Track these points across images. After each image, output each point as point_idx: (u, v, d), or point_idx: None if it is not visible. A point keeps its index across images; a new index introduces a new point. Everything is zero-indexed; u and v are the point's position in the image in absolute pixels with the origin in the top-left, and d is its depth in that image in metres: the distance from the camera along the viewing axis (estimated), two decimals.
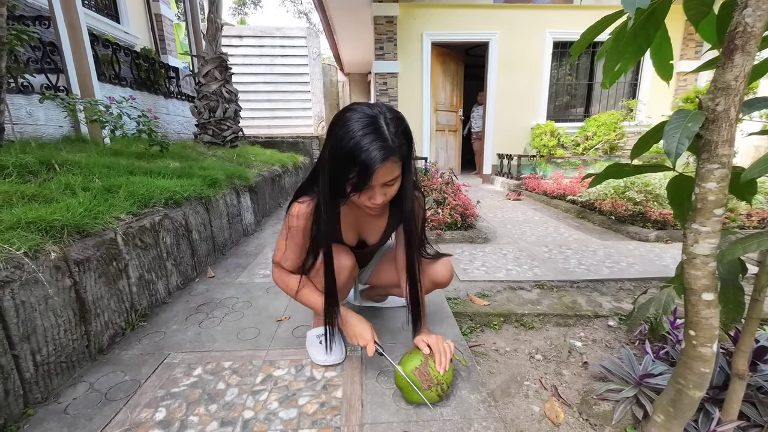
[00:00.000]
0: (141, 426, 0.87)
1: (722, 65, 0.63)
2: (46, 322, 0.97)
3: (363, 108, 0.83)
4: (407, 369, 0.93)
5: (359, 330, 1.01)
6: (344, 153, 0.80)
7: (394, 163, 0.83)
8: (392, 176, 0.85)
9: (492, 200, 4.29)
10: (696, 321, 0.72)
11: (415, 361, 0.95)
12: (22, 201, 1.19)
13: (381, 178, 0.83)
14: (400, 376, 0.93)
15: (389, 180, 0.85)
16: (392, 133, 0.81)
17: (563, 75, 6.03)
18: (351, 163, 0.79)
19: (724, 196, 0.66)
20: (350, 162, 0.79)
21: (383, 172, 0.82)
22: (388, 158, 0.80)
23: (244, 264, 1.99)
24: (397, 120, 0.84)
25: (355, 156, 0.78)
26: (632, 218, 2.83)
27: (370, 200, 0.88)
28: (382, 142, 0.79)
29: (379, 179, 0.83)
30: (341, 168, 0.82)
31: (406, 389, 0.93)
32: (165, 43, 5.52)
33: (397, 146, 0.81)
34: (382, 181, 0.84)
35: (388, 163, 0.80)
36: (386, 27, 5.36)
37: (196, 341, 1.23)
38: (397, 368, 0.94)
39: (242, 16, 17.15)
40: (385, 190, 0.87)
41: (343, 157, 0.80)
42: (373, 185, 0.84)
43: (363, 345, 0.99)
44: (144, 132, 2.46)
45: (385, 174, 0.83)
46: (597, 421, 0.98)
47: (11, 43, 1.84)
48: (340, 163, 0.81)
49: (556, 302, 1.65)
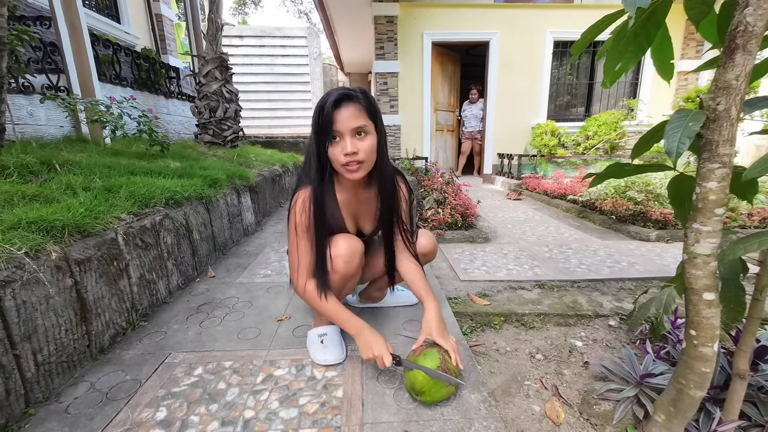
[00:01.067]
0: (142, 425, 0.87)
1: (723, 64, 0.63)
2: (47, 322, 0.97)
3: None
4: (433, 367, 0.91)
5: (372, 341, 0.99)
6: (315, 113, 0.92)
7: (358, 109, 0.92)
8: (357, 122, 0.92)
9: (492, 200, 4.29)
10: (697, 321, 0.72)
11: (434, 359, 0.93)
12: (24, 201, 1.19)
13: (346, 121, 0.91)
14: (426, 380, 0.89)
15: (355, 126, 0.92)
16: (356, 90, 0.93)
17: (564, 74, 6.02)
18: (318, 113, 0.91)
19: (725, 196, 0.66)
20: (318, 113, 0.91)
21: (346, 115, 0.90)
22: (347, 100, 0.90)
23: (244, 264, 1.99)
24: (364, 90, 0.96)
25: (320, 107, 0.91)
26: (633, 218, 2.83)
27: (343, 153, 0.93)
28: (341, 90, 0.92)
29: (344, 123, 0.91)
30: (315, 127, 0.93)
31: (431, 392, 0.90)
32: (165, 43, 5.52)
33: (359, 97, 0.92)
34: (347, 126, 0.91)
35: (349, 105, 0.91)
36: (387, 27, 5.36)
37: (197, 341, 1.24)
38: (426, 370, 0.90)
39: (243, 17, 17.15)
40: (356, 143, 0.93)
41: (315, 117, 0.92)
42: (341, 131, 0.92)
43: (378, 355, 0.96)
44: (145, 132, 2.46)
45: (349, 118, 0.91)
46: (598, 421, 0.98)
47: (12, 44, 1.84)
48: (315, 123, 0.92)
49: (557, 302, 1.65)
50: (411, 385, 0.93)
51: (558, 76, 6.00)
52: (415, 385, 0.91)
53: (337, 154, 0.95)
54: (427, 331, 1.01)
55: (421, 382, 0.90)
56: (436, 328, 1.00)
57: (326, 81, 9.73)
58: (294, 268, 1.05)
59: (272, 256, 2.10)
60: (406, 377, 0.96)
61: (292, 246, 1.04)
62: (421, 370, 0.91)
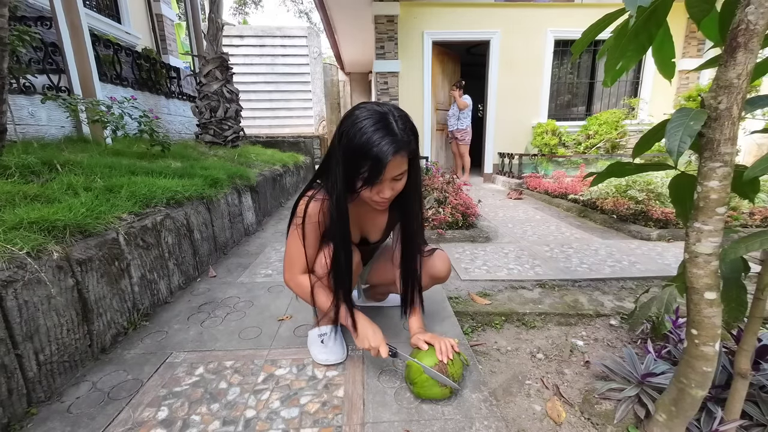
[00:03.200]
0: (143, 425, 0.88)
1: (725, 63, 0.63)
2: (48, 322, 0.97)
3: (372, 106, 0.87)
4: (429, 364, 0.93)
5: (370, 333, 1.00)
6: (357, 148, 0.84)
7: (403, 157, 0.88)
8: (401, 170, 0.89)
9: (493, 199, 4.29)
10: (698, 320, 0.72)
11: (433, 357, 0.95)
12: (25, 201, 1.19)
13: (391, 171, 0.87)
14: (419, 371, 0.92)
15: (398, 174, 0.89)
16: (401, 128, 0.86)
17: (565, 73, 6.01)
18: (363, 157, 0.83)
19: (726, 195, 0.66)
20: (363, 156, 0.83)
21: (394, 166, 0.86)
22: (399, 152, 0.84)
23: (245, 263, 1.99)
24: (404, 117, 0.89)
25: (367, 150, 0.82)
26: (634, 217, 2.82)
27: (378, 194, 0.92)
28: (392, 137, 0.83)
29: (390, 173, 0.87)
30: (354, 163, 0.86)
31: (423, 385, 0.92)
32: (166, 43, 5.52)
33: (407, 141, 0.86)
34: (391, 175, 0.88)
35: (398, 156, 0.85)
36: (387, 26, 5.35)
37: (198, 341, 1.24)
38: (419, 363, 0.93)
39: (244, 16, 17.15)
40: (393, 185, 0.92)
41: (356, 153, 0.84)
42: (383, 179, 0.88)
43: (375, 346, 0.97)
44: (145, 132, 2.47)
45: (394, 168, 0.87)
46: (599, 421, 0.98)
47: (13, 44, 1.85)
48: (353, 158, 0.85)
49: (558, 301, 1.64)
50: (407, 374, 0.98)
51: (559, 75, 5.99)
52: (410, 374, 0.96)
53: (372, 194, 0.92)
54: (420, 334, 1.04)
55: (414, 372, 0.94)
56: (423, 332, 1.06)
57: (327, 81, 9.73)
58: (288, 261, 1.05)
59: (273, 256, 2.10)
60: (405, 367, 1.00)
61: (291, 244, 1.03)
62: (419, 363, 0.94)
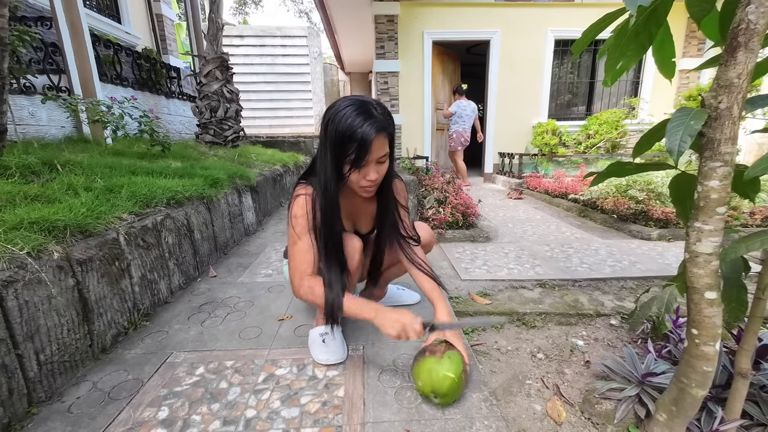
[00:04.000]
0: (144, 425, 0.88)
1: (725, 63, 0.63)
2: (49, 322, 0.97)
3: (351, 97, 0.95)
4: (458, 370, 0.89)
5: (396, 316, 0.93)
6: (342, 132, 0.90)
7: (385, 138, 0.94)
8: (383, 152, 0.96)
9: (493, 199, 4.29)
10: (699, 319, 0.72)
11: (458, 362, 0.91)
12: (25, 201, 1.19)
13: (376, 152, 0.93)
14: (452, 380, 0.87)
15: (381, 156, 0.95)
16: (380, 113, 0.93)
17: (565, 73, 6.01)
18: (350, 139, 0.90)
19: (727, 195, 0.66)
20: (349, 139, 0.90)
21: (377, 146, 0.92)
22: (381, 132, 0.91)
23: (245, 263, 1.99)
24: (381, 104, 0.97)
25: (352, 132, 0.89)
26: (634, 217, 2.82)
27: (365, 177, 0.97)
28: (373, 119, 0.91)
29: (374, 154, 0.93)
30: (341, 147, 0.92)
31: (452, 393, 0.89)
32: (166, 43, 5.53)
33: (386, 123, 0.93)
34: (376, 156, 0.94)
35: (380, 136, 0.92)
36: (387, 26, 5.35)
37: (199, 340, 1.24)
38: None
39: (244, 16, 17.15)
40: (378, 168, 0.97)
41: (343, 136, 0.90)
42: (369, 161, 0.94)
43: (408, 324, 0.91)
44: (146, 132, 2.46)
45: (378, 148, 0.93)
46: (599, 420, 0.98)
47: (13, 44, 1.85)
48: (340, 142, 0.91)
49: (558, 301, 1.64)
50: (432, 387, 0.88)
51: (559, 74, 5.99)
52: (441, 388, 0.87)
53: (359, 179, 0.97)
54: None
55: (449, 386, 0.87)
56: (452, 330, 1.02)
57: (327, 80, 9.72)
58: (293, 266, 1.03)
59: (273, 256, 2.10)
60: (423, 379, 0.90)
61: (293, 246, 1.03)
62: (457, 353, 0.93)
